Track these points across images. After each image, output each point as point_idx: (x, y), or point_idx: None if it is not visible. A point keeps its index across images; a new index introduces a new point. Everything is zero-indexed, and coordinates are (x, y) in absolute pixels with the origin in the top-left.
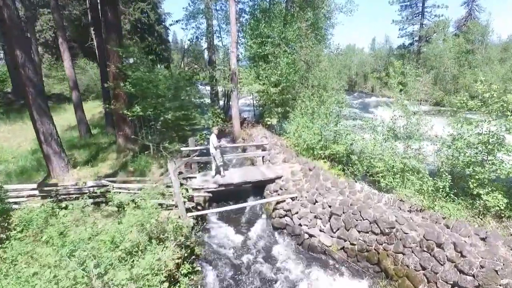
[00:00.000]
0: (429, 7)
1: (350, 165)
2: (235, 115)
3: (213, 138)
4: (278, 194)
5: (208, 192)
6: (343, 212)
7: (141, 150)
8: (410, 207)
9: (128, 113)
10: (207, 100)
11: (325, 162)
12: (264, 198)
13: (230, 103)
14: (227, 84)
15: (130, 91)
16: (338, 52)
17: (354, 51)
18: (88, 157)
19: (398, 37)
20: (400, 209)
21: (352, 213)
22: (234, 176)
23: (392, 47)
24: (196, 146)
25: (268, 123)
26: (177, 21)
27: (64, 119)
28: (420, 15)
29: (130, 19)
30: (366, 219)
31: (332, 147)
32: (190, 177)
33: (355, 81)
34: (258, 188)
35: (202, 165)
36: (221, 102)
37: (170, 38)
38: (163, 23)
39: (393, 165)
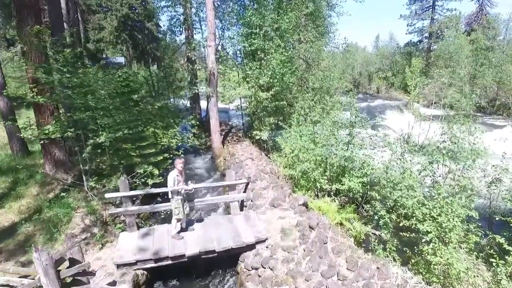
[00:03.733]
0: (440, 0)
1: (370, 206)
2: (214, 128)
3: (170, 177)
4: (259, 276)
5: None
6: None
7: (75, 181)
8: None
9: (31, 135)
10: (184, 102)
11: (333, 200)
12: (238, 274)
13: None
14: (207, 88)
15: (38, 101)
16: (344, 49)
17: (356, 49)
18: (3, 190)
19: (406, 33)
20: None
21: None
22: (190, 238)
23: (399, 44)
24: (136, 188)
25: (257, 137)
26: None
27: None
28: (431, 9)
29: (118, 15)
30: None
31: (342, 181)
32: (87, 273)
33: (359, 82)
34: (229, 257)
35: (150, 214)
36: (204, 105)
37: (168, 37)
38: (154, 20)
39: (448, 229)
